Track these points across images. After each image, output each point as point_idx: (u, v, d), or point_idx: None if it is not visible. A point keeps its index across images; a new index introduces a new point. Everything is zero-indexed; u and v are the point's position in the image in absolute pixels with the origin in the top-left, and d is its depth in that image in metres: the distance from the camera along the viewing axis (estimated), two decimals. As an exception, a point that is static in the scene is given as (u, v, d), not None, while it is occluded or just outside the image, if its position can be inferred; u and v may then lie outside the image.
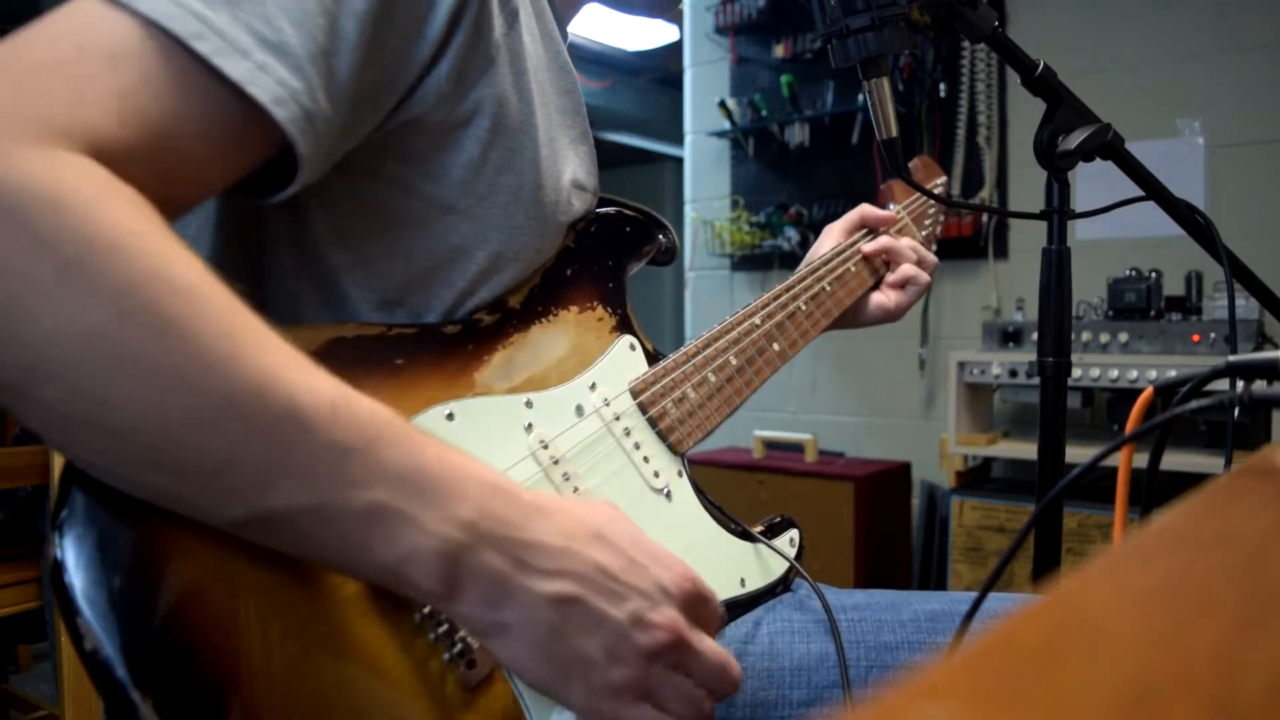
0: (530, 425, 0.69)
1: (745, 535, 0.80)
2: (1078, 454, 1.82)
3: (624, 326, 0.80)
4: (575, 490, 0.69)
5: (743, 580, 0.77)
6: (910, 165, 1.18)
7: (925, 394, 3.00)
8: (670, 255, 0.87)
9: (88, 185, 0.44)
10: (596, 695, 0.51)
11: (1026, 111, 2.80)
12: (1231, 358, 0.56)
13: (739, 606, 0.76)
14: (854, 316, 1.03)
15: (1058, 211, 0.88)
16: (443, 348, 0.66)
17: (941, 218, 1.19)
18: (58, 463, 0.90)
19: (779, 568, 0.80)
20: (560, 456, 0.70)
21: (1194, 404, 0.52)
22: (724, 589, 0.75)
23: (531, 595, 0.50)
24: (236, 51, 0.48)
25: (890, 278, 1.03)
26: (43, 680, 2.63)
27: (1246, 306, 2.17)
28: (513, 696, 0.59)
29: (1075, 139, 0.86)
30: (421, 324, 0.67)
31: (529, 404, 0.69)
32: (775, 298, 0.91)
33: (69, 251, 0.42)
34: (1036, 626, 0.22)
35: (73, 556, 0.46)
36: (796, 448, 2.80)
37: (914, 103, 2.90)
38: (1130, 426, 0.57)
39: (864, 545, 2.58)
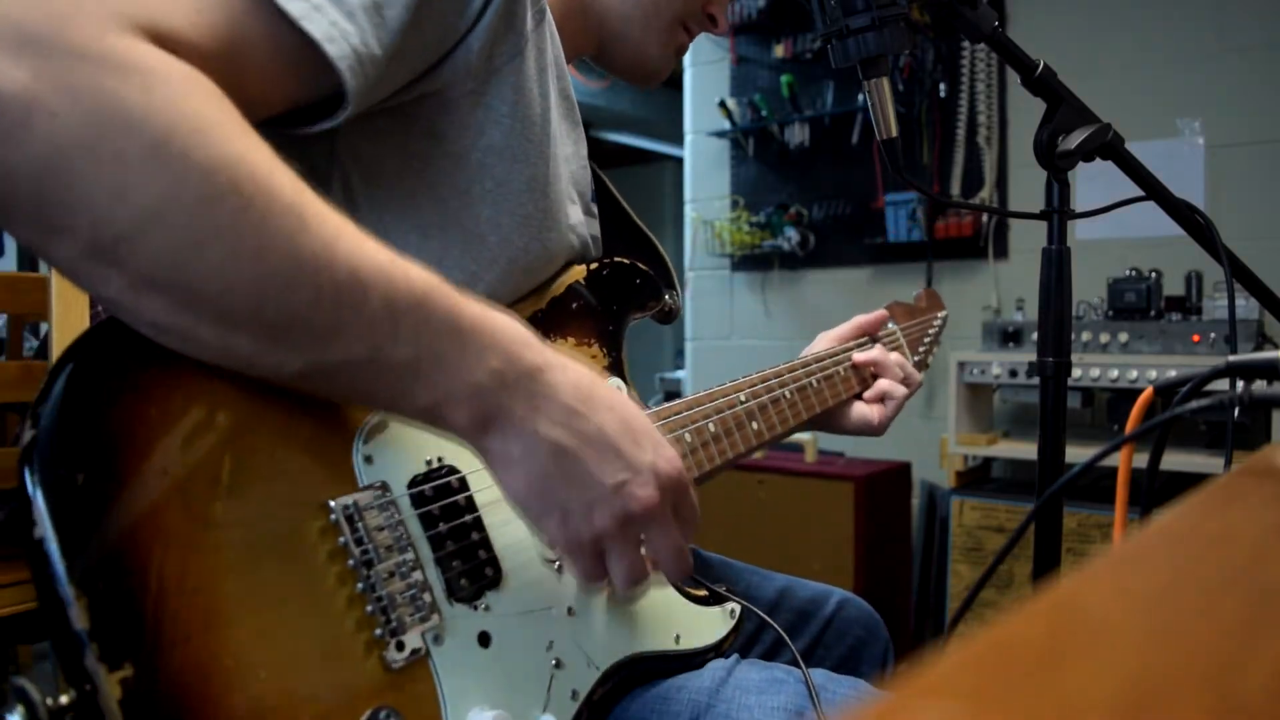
0: None
1: (688, 596, 0.80)
2: (1078, 454, 1.82)
3: (615, 369, 0.82)
4: None
5: (678, 637, 0.76)
6: (915, 296, 1.26)
7: (925, 394, 3.00)
8: (671, 316, 0.92)
9: (174, 72, 0.47)
10: (567, 535, 0.59)
11: (1026, 111, 2.79)
12: (1231, 358, 0.56)
13: (670, 662, 0.75)
14: (837, 423, 1.08)
15: (1058, 211, 0.88)
16: None
17: (936, 348, 1.24)
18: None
19: (714, 634, 0.79)
20: None
21: (1194, 404, 0.52)
22: (658, 642, 0.74)
23: (537, 438, 0.57)
24: None
25: (869, 392, 1.07)
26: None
27: (1246, 306, 2.17)
28: (433, 686, 0.58)
29: (1075, 139, 0.86)
30: None
31: None
32: (763, 379, 0.94)
33: (159, 131, 0.45)
34: (1036, 626, 0.22)
35: (42, 444, 0.47)
36: (796, 448, 2.80)
37: (914, 103, 2.90)
38: (1130, 426, 0.57)
39: (864, 545, 2.58)
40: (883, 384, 1.07)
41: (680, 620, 0.77)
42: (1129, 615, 0.23)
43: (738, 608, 0.82)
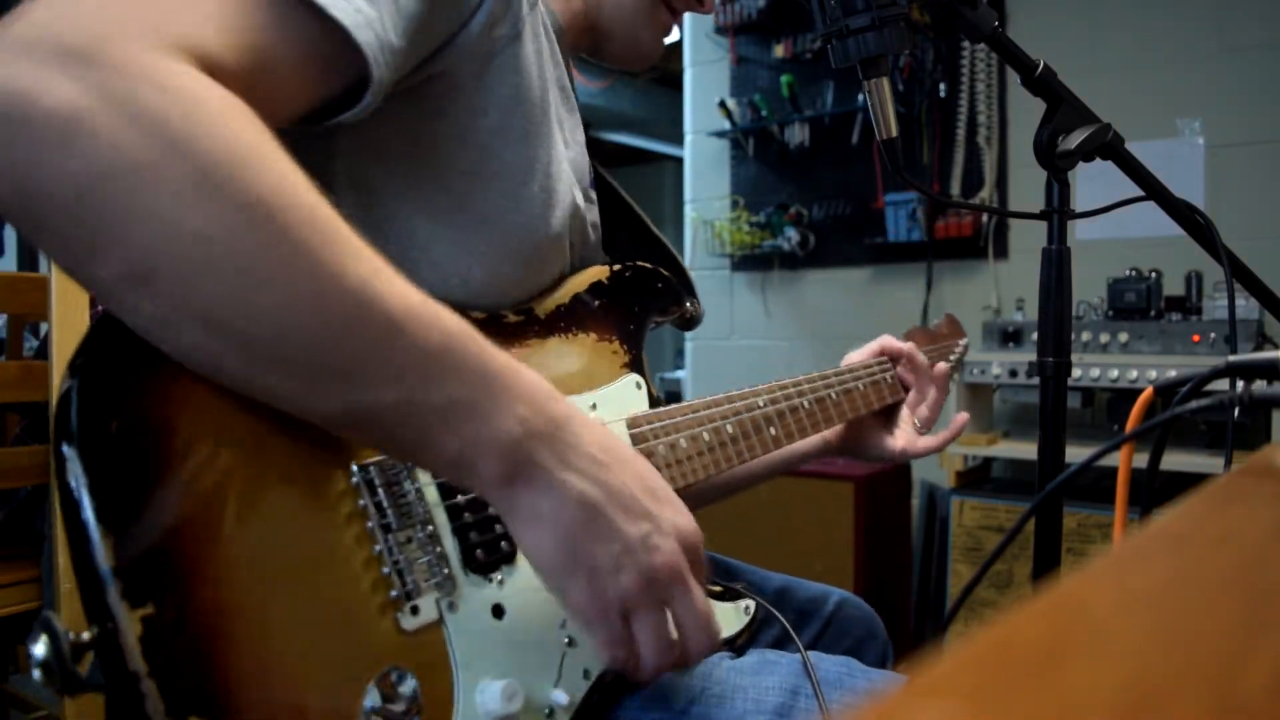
0: None
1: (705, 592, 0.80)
2: (1078, 454, 1.82)
3: (635, 367, 0.83)
4: None
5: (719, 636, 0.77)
6: (936, 324, 1.27)
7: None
8: (693, 323, 0.93)
9: (214, 98, 0.47)
10: (592, 596, 0.56)
11: (1026, 111, 2.79)
12: (1231, 358, 0.56)
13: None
14: (862, 447, 1.10)
15: (1058, 211, 0.88)
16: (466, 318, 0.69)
17: (957, 373, 1.26)
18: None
19: (728, 628, 0.79)
20: None
21: (1194, 404, 0.52)
22: (700, 643, 0.75)
23: (567, 489, 0.56)
24: None
25: (919, 409, 1.10)
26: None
27: (1246, 306, 2.17)
28: (445, 652, 0.59)
29: (1075, 139, 0.86)
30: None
31: None
32: (783, 387, 0.95)
33: (203, 160, 0.45)
34: (1036, 626, 0.22)
35: (80, 392, 0.48)
36: (796, 448, 2.79)
37: (914, 103, 2.90)
38: (1130, 426, 0.57)
39: (864, 545, 2.58)
40: (926, 412, 1.10)
41: None
42: (1129, 615, 0.23)
43: (753, 605, 0.82)
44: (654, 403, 0.83)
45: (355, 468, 0.58)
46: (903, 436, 1.09)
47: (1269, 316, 2.22)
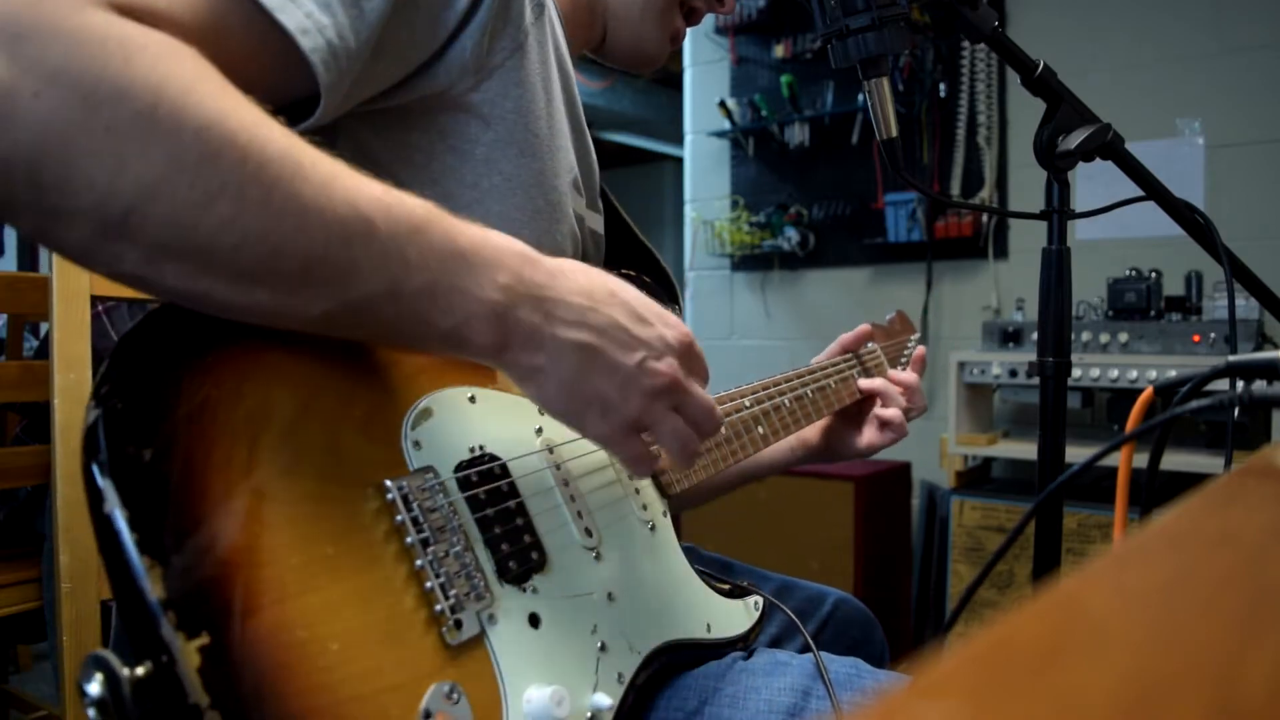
0: (540, 429, 0.72)
1: (712, 588, 0.82)
2: (1078, 454, 1.82)
3: None
4: (572, 498, 0.71)
5: (709, 625, 0.78)
6: (889, 319, 1.30)
7: (925, 394, 2.99)
8: None
9: (152, 39, 0.47)
10: (610, 425, 0.61)
11: (1026, 111, 2.80)
12: (1231, 358, 0.56)
13: (703, 649, 0.76)
14: (838, 449, 1.12)
15: (1058, 211, 0.88)
16: None
17: (907, 354, 1.28)
18: (60, 461, 0.91)
19: (740, 625, 0.81)
20: (562, 463, 0.72)
21: (1194, 404, 0.52)
22: (692, 629, 0.76)
23: (559, 342, 0.58)
24: None
25: (883, 413, 1.10)
26: (43, 680, 2.63)
27: (1246, 306, 2.17)
28: (490, 664, 0.59)
29: (1075, 139, 0.86)
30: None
31: (541, 412, 0.72)
32: (764, 387, 0.97)
33: (146, 97, 0.45)
34: (1036, 626, 0.22)
35: (107, 423, 0.48)
36: (796, 448, 2.79)
37: (914, 103, 2.90)
38: (1130, 426, 0.57)
39: (864, 545, 2.58)
40: (893, 413, 1.10)
41: (710, 610, 0.79)
42: (1129, 615, 0.23)
43: (760, 601, 0.83)
44: None
45: (389, 483, 0.58)
46: (868, 432, 1.10)
47: (1269, 316, 2.22)
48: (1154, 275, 2.33)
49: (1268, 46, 2.46)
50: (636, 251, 0.95)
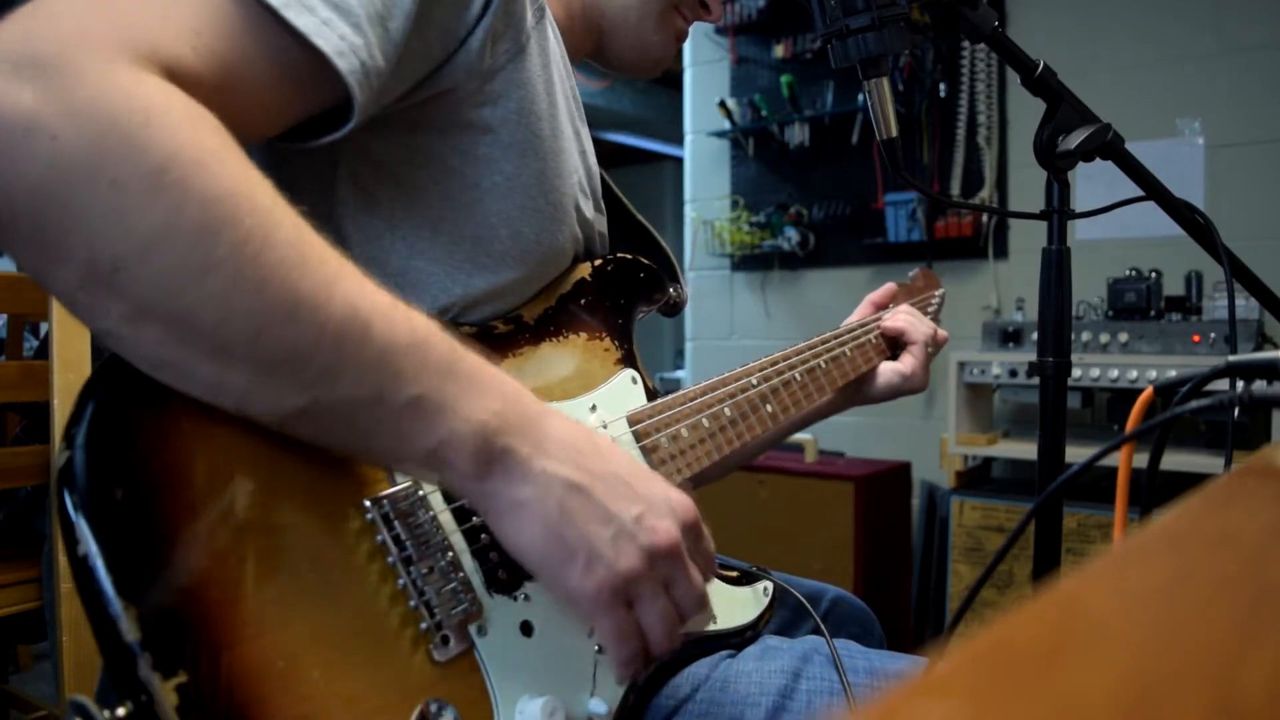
0: None
1: (720, 578, 0.81)
2: (1078, 454, 1.82)
3: (628, 361, 0.83)
4: None
5: (714, 618, 0.77)
6: (911, 276, 1.28)
7: (925, 394, 2.99)
8: (678, 308, 0.92)
9: (175, 104, 0.48)
10: (594, 581, 0.54)
11: (1026, 111, 2.80)
12: (1231, 358, 0.56)
13: (708, 642, 0.76)
14: (866, 395, 1.08)
15: (1058, 211, 0.88)
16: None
17: (936, 311, 1.26)
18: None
19: (749, 614, 0.80)
20: None
21: (1194, 404, 0.52)
22: (695, 623, 0.75)
23: (548, 476, 0.55)
24: (304, 7, 0.53)
25: (901, 365, 1.08)
26: (43, 680, 2.63)
27: (1246, 306, 2.17)
28: (481, 677, 0.59)
29: (1075, 139, 0.86)
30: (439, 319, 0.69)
31: None
32: (773, 363, 0.95)
33: (157, 161, 0.45)
34: (1036, 626, 0.22)
35: (80, 463, 0.48)
36: (797, 448, 2.80)
37: (914, 103, 2.90)
38: (1130, 426, 0.57)
39: (864, 545, 2.58)
40: (913, 338, 1.07)
41: (715, 601, 0.78)
42: (1129, 615, 0.23)
43: (770, 585, 0.82)
44: (651, 395, 0.83)
45: (368, 503, 0.57)
46: (907, 361, 1.08)
47: (1269, 316, 2.22)
48: (1154, 275, 2.33)
49: (1268, 46, 2.46)
50: (636, 233, 0.94)
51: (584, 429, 0.59)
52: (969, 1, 0.85)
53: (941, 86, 2.89)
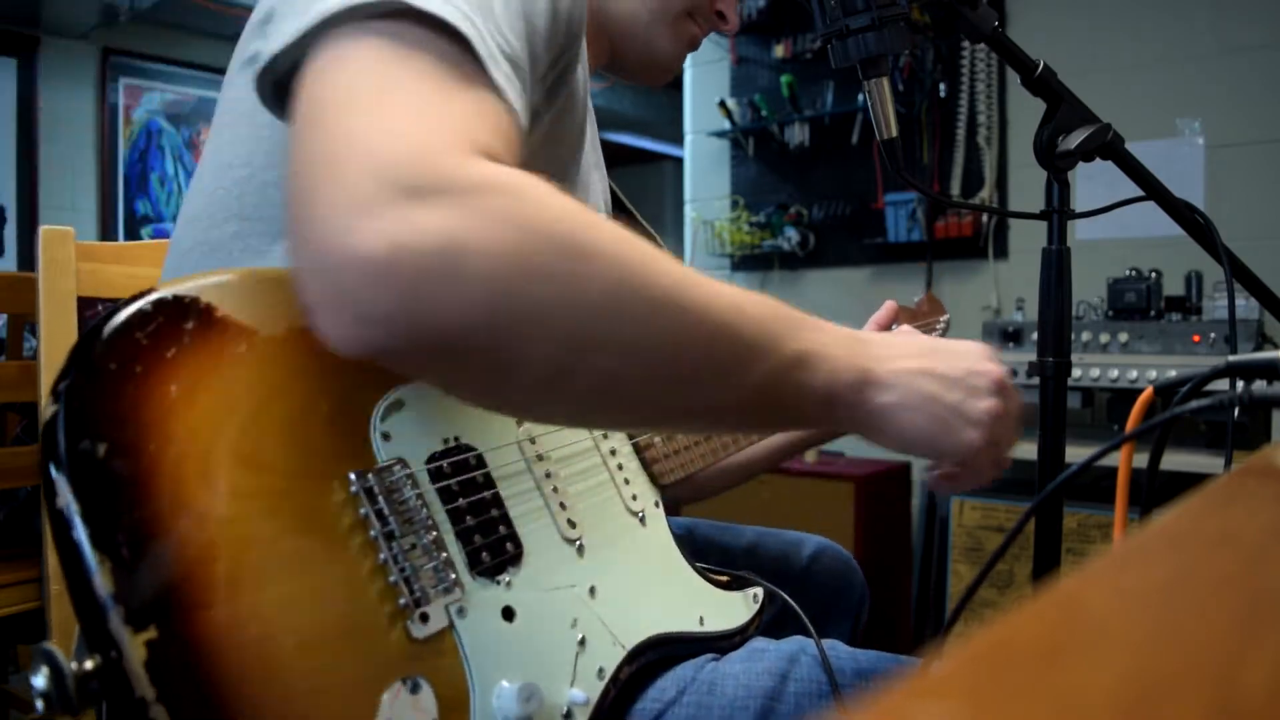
0: (522, 419, 0.71)
1: (709, 580, 0.81)
2: (1078, 454, 1.82)
3: None
4: (555, 490, 0.71)
5: (702, 619, 0.77)
6: (916, 301, 1.31)
7: (925, 394, 2.99)
8: None
9: (527, 182, 0.48)
10: (973, 437, 0.63)
11: (1026, 111, 2.79)
12: (1231, 358, 0.56)
13: (695, 643, 0.76)
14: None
15: (1058, 211, 0.88)
16: None
17: (940, 336, 1.26)
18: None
19: (738, 618, 0.79)
20: (545, 454, 0.72)
21: (1194, 404, 0.52)
22: (682, 622, 0.75)
23: (901, 374, 0.62)
24: (494, 63, 0.54)
25: None
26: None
27: (1246, 306, 2.17)
28: (459, 658, 0.58)
29: (1075, 139, 0.86)
30: None
31: None
32: None
33: (576, 245, 0.47)
34: (1036, 626, 0.22)
35: (65, 418, 0.47)
36: (796, 448, 2.79)
37: (914, 103, 2.90)
38: (1130, 426, 0.57)
39: (864, 545, 2.58)
40: None
41: (704, 602, 0.78)
42: (1129, 615, 0.23)
43: (760, 592, 0.82)
44: None
45: (353, 476, 0.57)
46: None
47: (1269, 316, 2.22)
48: (1154, 275, 2.32)
49: (1268, 46, 2.46)
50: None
51: (871, 331, 0.66)
52: (969, 1, 0.85)
53: (941, 86, 2.88)
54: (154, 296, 0.52)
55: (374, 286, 0.43)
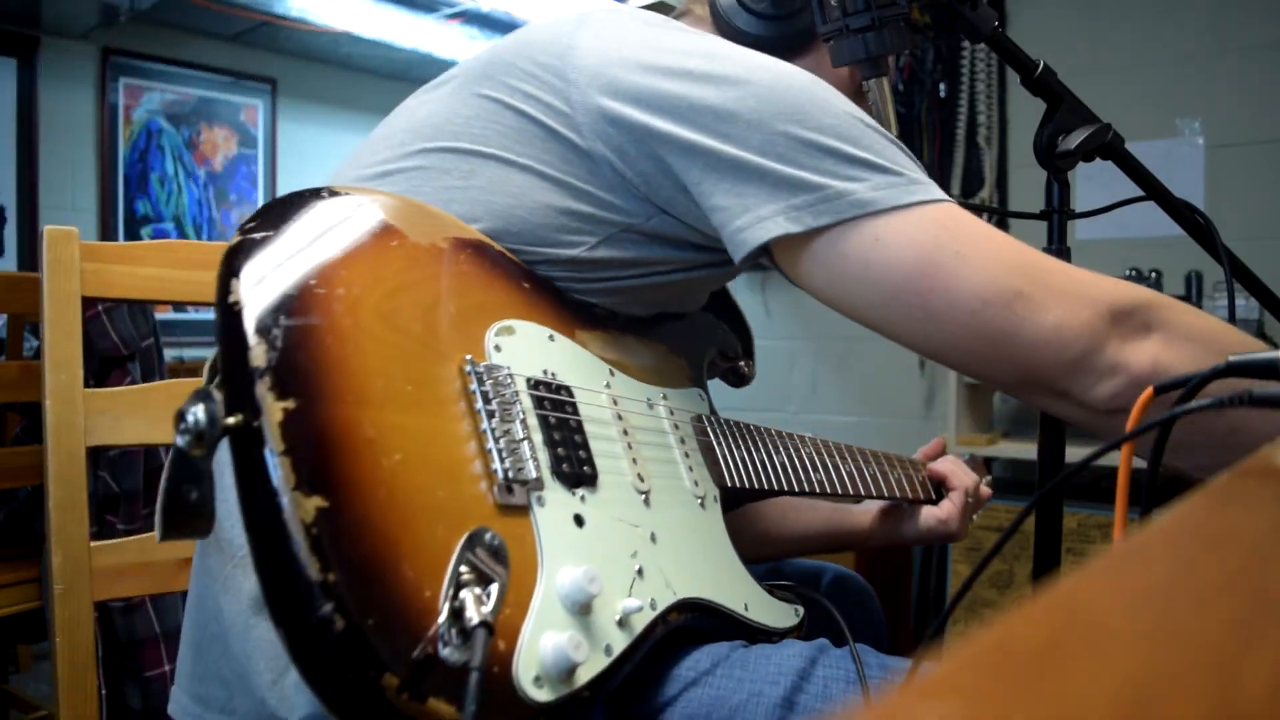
0: (609, 384, 0.76)
1: (757, 582, 0.82)
2: (1077, 454, 1.82)
3: (699, 384, 0.90)
4: (630, 446, 0.75)
5: (747, 605, 0.78)
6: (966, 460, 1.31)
7: (925, 394, 2.99)
8: (744, 380, 1.03)
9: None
10: None
11: (1026, 111, 2.79)
12: (1232, 357, 0.56)
13: (736, 625, 0.77)
14: (902, 529, 1.13)
15: (1058, 211, 0.88)
16: (561, 300, 0.77)
17: (976, 514, 1.25)
18: (52, 463, 0.90)
19: (780, 621, 0.81)
20: (625, 415, 0.76)
21: (1194, 404, 0.52)
22: (730, 601, 0.76)
23: None
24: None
25: (940, 510, 1.13)
26: (42, 680, 2.63)
27: (1246, 306, 2.17)
28: (532, 535, 0.61)
29: (1075, 139, 0.86)
30: (550, 279, 0.78)
31: (612, 373, 0.78)
32: (853, 451, 1.03)
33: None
34: (1036, 626, 0.22)
35: (242, 244, 0.59)
36: (796, 448, 2.79)
37: (914, 103, 2.90)
38: (1130, 426, 0.56)
39: (864, 545, 2.58)
40: (956, 485, 1.14)
41: (750, 594, 0.80)
42: (1129, 615, 0.23)
43: (802, 610, 0.84)
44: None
45: (468, 357, 0.64)
46: (945, 506, 1.13)
47: (1269, 316, 2.22)
48: (1154, 275, 2.32)
49: (1268, 46, 2.46)
50: (724, 305, 1.04)
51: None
52: (969, 1, 0.85)
53: (941, 86, 2.89)
54: (336, 193, 0.65)
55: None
